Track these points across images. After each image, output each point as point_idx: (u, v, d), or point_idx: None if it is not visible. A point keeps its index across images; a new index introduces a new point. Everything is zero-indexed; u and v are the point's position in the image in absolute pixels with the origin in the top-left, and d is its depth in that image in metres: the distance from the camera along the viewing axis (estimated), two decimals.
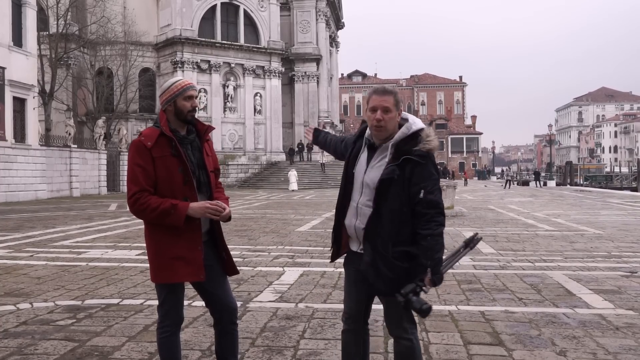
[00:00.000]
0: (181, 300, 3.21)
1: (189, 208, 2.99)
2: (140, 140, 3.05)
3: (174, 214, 2.97)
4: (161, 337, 3.15)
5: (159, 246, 3.07)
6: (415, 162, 2.78)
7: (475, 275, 7.26)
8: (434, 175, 2.81)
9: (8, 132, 25.87)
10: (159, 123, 3.10)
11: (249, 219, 16.08)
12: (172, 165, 3.03)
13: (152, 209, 2.97)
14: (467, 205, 21.39)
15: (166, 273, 3.06)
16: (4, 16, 25.80)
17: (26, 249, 9.92)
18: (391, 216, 2.80)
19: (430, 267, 2.71)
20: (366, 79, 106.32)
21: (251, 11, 47.24)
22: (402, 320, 2.92)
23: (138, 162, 3.01)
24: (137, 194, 2.99)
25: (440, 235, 2.75)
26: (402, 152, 2.81)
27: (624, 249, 9.63)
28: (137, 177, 3.00)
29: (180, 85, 3.09)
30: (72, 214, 18.04)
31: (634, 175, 55.37)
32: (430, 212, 2.75)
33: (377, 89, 2.93)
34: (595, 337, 4.57)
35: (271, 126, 47.79)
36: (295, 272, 7.50)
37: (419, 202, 2.76)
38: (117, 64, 40.70)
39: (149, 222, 3.08)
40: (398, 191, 2.78)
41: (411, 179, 2.78)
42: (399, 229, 2.80)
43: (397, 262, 2.79)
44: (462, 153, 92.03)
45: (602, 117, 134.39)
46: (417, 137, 2.83)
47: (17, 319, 5.20)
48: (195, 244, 3.07)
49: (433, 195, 2.76)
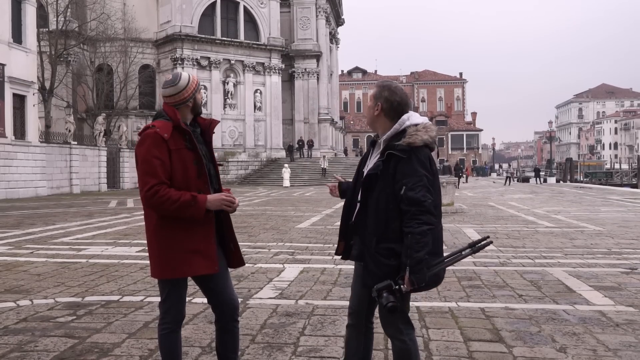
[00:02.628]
0: (184, 296, 3.20)
1: (207, 200, 3.00)
2: (156, 132, 2.98)
3: (194, 206, 2.96)
4: (162, 333, 3.14)
5: (172, 240, 3.03)
6: (398, 158, 2.76)
7: (475, 271, 7.26)
8: (419, 172, 2.73)
9: (8, 129, 25.85)
10: (166, 116, 3.07)
11: (249, 215, 16.08)
12: (187, 158, 3.03)
13: (173, 201, 2.93)
14: (467, 202, 21.39)
15: (181, 267, 3.04)
16: (4, 13, 25.75)
17: (26, 246, 9.92)
18: (376, 211, 2.80)
19: (409, 266, 2.67)
20: (366, 76, 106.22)
21: (251, 7, 47.18)
22: (396, 320, 2.89)
23: (156, 154, 2.95)
24: (156, 187, 2.93)
25: (421, 234, 2.67)
26: (388, 147, 2.82)
27: (624, 246, 9.63)
28: (156, 169, 2.94)
29: (196, 80, 3.15)
30: (72, 211, 18.04)
31: (634, 171, 55.39)
32: (412, 209, 2.70)
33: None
34: (596, 333, 4.57)
35: (271, 123, 47.76)
36: (295, 269, 7.50)
37: (401, 199, 2.73)
38: (117, 60, 40.67)
39: (163, 216, 3.01)
40: (383, 187, 2.78)
41: (395, 174, 2.76)
42: (386, 225, 2.78)
43: (382, 258, 2.77)
44: (462, 150, 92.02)
45: (602, 114, 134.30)
46: (404, 132, 2.83)
47: (17, 316, 5.21)
48: (210, 237, 3.09)
49: (414, 192, 2.70)
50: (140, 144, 3.02)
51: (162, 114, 3.12)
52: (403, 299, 2.82)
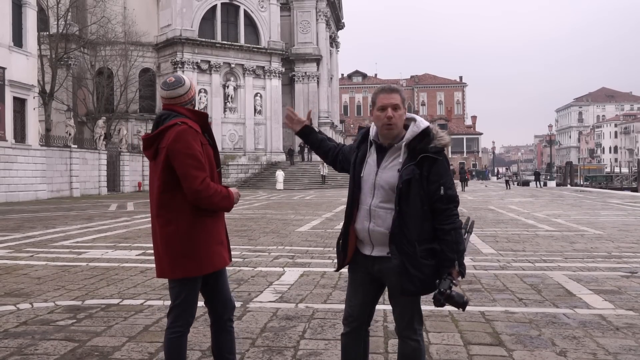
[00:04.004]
0: (198, 297, 3.21)
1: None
2: (190, 127, 3.05)
3: (229, 198, 3.11)
4: (171, 337, 3.11)
5: (209, 234, 3.09)
6: (433, 159, 2.82)
7: (475, 275, 7.26)
8: (449, 171, 2.89)
9: (8, 132, 25.88)
10: (182, 116, 3.09)
11: (249, 219, 16.08)
12: (210, 154, 3.15)
13: (218, 193, 3.05)
14: (467, 206, 21.40)
15: (217, 260, 3.13)
16: (5, 16, 25.82)
17: (26, 249, 9.92)
18: (414, 216, 2.82)
19: (457, 260, 2.79)
20: (366, 80, 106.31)
21: (251, 11, 47.27)
22: (414, 320, 2.93)
23: (198, 148, 3.03)
24: (207, 179, 3.01)
25: (461, 228, 2.85)
26: (418, 151, 2.83)
27: (624, 250, 9.63)
28: (202, 163, 3.02)
29: (194, 82, 3.22)
30: (72, 214, 18.04)
31: (634, 175, 55.42)
32: (450, 206, 2.82)
33: (383, 88, 2.92)
34: (596, 337, 4.57)
35: (271, 126, 47.82)
36: (295, 273, 7.50)
37: (439, 199, 2.81)
38: (117, 64, 40.77)
39: (198, 211, 3.03)
40: (418, 190, 2.81)
41: (429, 176, 2.82)
42: (422, 227, 2.83)
43: (424, 260, 2.81)
44: (462, 153, 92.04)
45: (602, 118, 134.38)
46: (428, 134, 2.87)
47: (18, 319, 5.20)
48: (225, 229, 3.26)
49: (452, 190, 2.84)
50: (177, 140, 2.99)
51: (171, 114, 3.12)
52: (418, 302, 2.94)
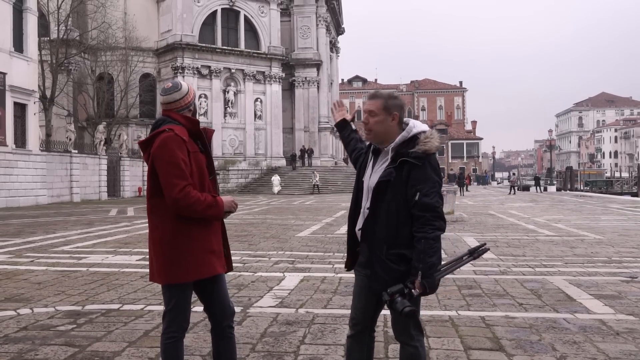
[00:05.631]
0: (190, 302, 3.21)
1: (223, 201, 3.11)
2: (176, 135, 3.02)
3: (216, 207, 3.07)
4: (166, 342, 3.12)
5: (195, 242, 3.07)
6: (412, 164, 2.80)
7: (475, 280, 7.26)
8: (432, 178, 2.81)
9: (9, 138, 25.91)
10: (175, 122, 3.10)
11: (249, 224, 16.08)
12: (202, 161, 3.12)
13: (201, 201, 3.00)
14: (467, 211, 21.39)
15: (204, 268, 3.10)
16: (5, 22, 25.88)
17: (27, 254, 9.92)
18: (387, 218, 2.83)
19: (421, 271, 2.71)
20: (366, 85, 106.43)
21: (251, 17, 47.39)
22: (409, 326, 2.92)
23: (180, 156, 2.99)
24: (186, 188, 2.97)
25: (435, 240, 2.74)
26: (400, 155, 2.84)
27: (625, 254, 9.62)
28: (183, 171, 2.98)
29: (193, 87, 3.24)
30: (73, 219, 18.04)
31: (635, 180, 55.35)
32: (426, 215, 2.75)
33: (370, 94, 3.02)
34: (596, 342, 4.57)
35: (271, 131, 47.86)
36: (295, 278, 7.50)
37: (414, 205, 2.77)
38: (117, 69, 40.84)
39: (182, 219, 3.03)
40: (395, 193, 2.81)
41: (408, 181, 2.80)
42: (396, 231, 2.82)
43: (392, 264, 2.80)
44: (462, 158, 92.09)
45: (602, 123, 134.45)
46: (416, 139, 2.87)
47: (18, 324, 5.20)
48: (220, 237, 3.22)
49: (429, 197, 2.76)
50: (161, 147, 3.01)
51: (166, 120, 3.14)
52: (416, 304, 2.86)
